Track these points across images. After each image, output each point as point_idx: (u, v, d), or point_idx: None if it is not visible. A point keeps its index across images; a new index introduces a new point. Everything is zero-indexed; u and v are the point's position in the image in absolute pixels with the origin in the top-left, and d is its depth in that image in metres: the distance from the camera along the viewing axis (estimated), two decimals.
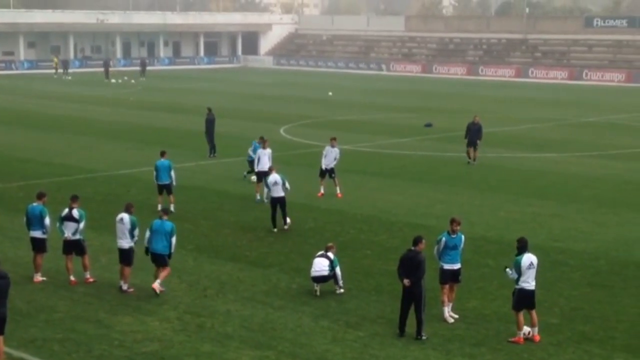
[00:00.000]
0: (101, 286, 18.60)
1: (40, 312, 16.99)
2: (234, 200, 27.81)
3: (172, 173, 25.47)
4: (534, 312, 15.72)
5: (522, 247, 15.86)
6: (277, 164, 27.05)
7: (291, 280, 19.26)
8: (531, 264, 15.70)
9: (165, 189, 25.58)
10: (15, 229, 22.72)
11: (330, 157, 28.25)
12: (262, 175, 27.02)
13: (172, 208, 24.80)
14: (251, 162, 29.19)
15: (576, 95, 71.75)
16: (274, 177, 23.73)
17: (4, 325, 14.19)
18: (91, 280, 18.83)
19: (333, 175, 28.34)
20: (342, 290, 18.23)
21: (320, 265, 18.05)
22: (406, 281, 15.73)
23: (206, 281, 19.04)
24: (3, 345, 14.35)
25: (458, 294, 17.22)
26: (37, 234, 18.93)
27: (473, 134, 35.10)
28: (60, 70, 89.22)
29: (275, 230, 23.60)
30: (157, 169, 25.68)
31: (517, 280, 15.66)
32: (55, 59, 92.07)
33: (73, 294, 18.13)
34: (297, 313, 17.09)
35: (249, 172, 30.20)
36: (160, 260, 18.02)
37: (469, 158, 35.05)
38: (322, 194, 28.31)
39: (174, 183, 25.61)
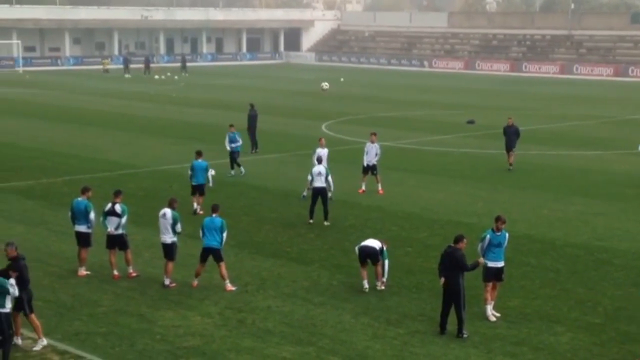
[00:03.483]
0: (144, 281, 18.78)
1: (84, 306, 17.19)
2: (275, 196, 27.88)
3: (209, 174, 25.13)
4: None
5: None
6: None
7: (332, 276, 19.27)
8: None
9: (198, 189, 25.23)
10: (60, 223, 23.01)
11: (371, 153, 28.20)
12: None
13: (199, 210, 24.77)
14: (232, 153, 30.95)
15: (621, 92, 70.81)
16: (319, 167, 24.11)
17: (31, 303, 15.03)
18: (134, 274, 19.02)
19: (375, 172, 28.31)
20: (383, 287, 18.22)
21: (372, 241, 18.15)
22: (442, 280, 15.71)
23: (247, 277, 19.12)
24: (37, 321, 15.14)
25: (499, 293, 17.10)
26: (81, 228, 19.13)
27: (509, 137, 32.86)
28: (113, 66, 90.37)
29: (312, 221, 23.71)
30: (192, 169, 25.33)
31: None
32: (105, 61, 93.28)
33: (116, 288, 18.33)
34: (338, 310, 17.10)
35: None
36: (215, 255, 18.13)
37: (509, 164, 32.86)
38: (364, 191, 28.29)
39: (211, 185, 25.35)
